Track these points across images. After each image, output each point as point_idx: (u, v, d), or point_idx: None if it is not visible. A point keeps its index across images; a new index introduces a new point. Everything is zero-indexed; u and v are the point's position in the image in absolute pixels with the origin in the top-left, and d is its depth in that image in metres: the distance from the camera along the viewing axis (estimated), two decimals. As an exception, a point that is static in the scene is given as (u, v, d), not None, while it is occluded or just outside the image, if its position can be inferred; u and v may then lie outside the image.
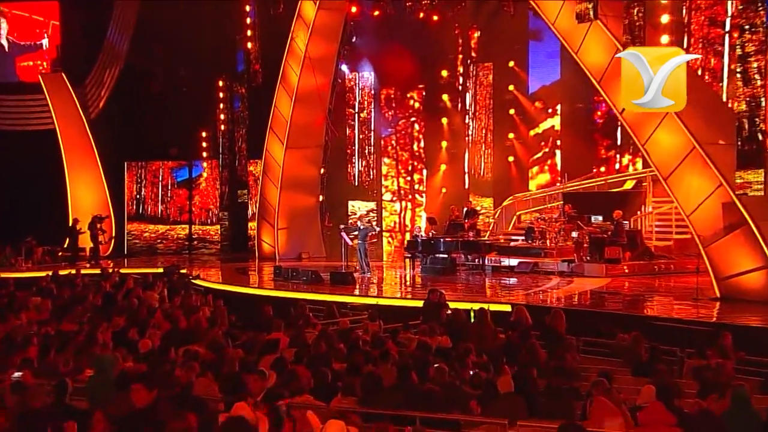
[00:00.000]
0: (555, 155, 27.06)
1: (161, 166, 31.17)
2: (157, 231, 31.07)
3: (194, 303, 16.61)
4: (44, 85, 29.97)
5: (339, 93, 28.01)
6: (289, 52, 25.44)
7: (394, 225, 29.29)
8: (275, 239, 26.22)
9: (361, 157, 29.39)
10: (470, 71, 28.47)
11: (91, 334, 12.51)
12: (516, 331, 12.64)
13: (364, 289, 19.41)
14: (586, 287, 18.59)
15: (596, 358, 13.01)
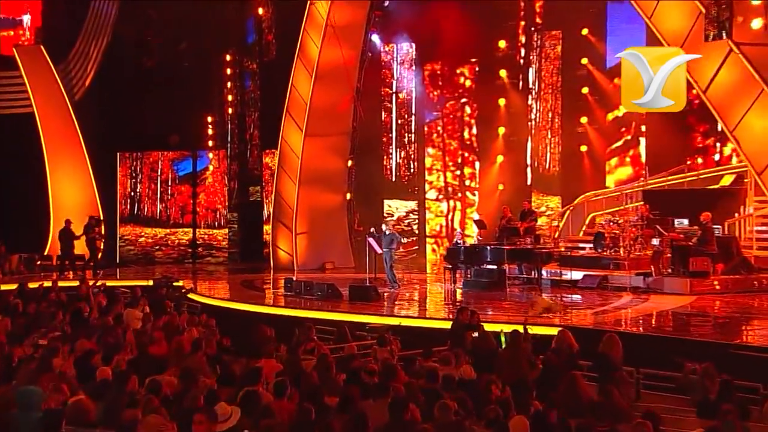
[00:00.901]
0: (639, 144, 26.75)
1: (160, 158, 31.62)
2: (155, 236, 31.50)
3: (181, 323, 16.88)
4: (20, 60, 30.60)
5: (372, 69, 28.18)
6: (308, 20, 25.61)
7: (439, 229, 29.26)
8: (293, 246, 26.42)
9: (399, 147, 29.53)
10: (534, 41, 28.32)
11: (45, 361, 12.74)
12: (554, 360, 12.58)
13: (388, 307, 19.42)
14: (663, 307, 18.37)
15: (660, 395, 12.95)
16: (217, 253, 30.88)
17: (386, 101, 29.35)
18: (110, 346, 14.28)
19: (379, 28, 27.51)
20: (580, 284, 21.24)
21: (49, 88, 30.55)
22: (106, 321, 17.00)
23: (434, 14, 27.41)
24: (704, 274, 19.55)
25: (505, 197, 27.21)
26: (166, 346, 14.52)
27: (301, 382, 11.25)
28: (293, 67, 26.19)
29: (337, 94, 26.18)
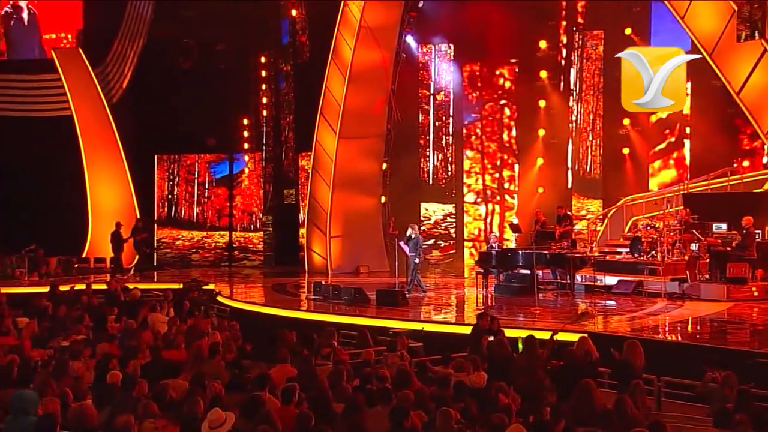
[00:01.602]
0: (683, 146, 26.42)
1: (197, 160, 31.86)
2: (192, 238, 31.76)
3: (205, 327, 17.07)
4: (58, 63, 31.04)
5: (409, 70, 28.24)
6: (342, 21, 25.72)
7: (478, 233, 29.19)
8: (327, 250, 26.56)
9: (437, 149, 29.43)
10: (575, 41, 28.15)
11: (61, 365, 12.98)
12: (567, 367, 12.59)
13: (414, 312, 19.38)
14: (697, 313, 18.25)
15: (682, 404, 12.87)
16: (253, 256, 31.03)
17: (424, 103, 29.33)
18: (130, 350, 14.60)
19: (416, 28, 27.48)
20: (615, 290, 21.14)
21: (88, 90, 30.93)
22: (129, 325, 17.37)
23: (473, 14, 27.44)
24: (742, 280, 19.35)
25: (545, 200, 27.09)
26: (183, 350, 14.81)
27: (311, 388, 11.40)
28: (327, 68, 26.36)
29: (371, 96, 26.30)
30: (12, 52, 32.82)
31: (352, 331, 17.07)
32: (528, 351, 13.01)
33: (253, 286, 26.11)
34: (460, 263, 28.62)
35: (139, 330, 16.63)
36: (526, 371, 12.53)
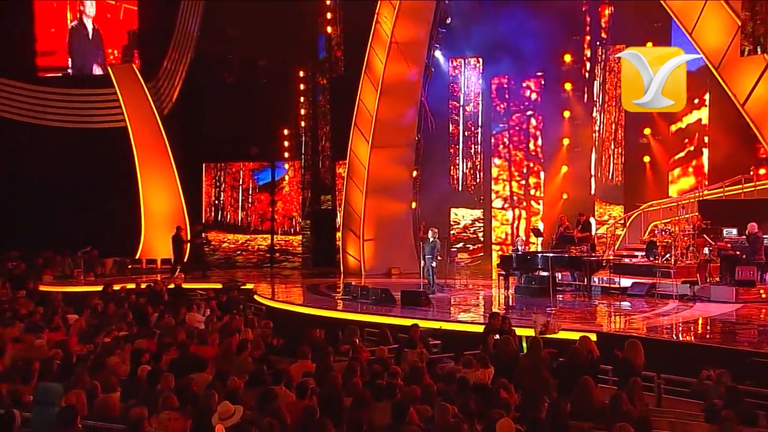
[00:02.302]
0: (702, 155, 26.22)
1: (241, 168, 32.12)
2: (237, 241, 32.00)
3: (239, 324, 17.21)
4: (114, 78, 31.53)
5: (440, 83, 28.30)
6: (374, 37, 25.80)
7: (505, 237, 29.15)
8: (361, 252, 26.65)
9: (466, 158, 29.45)
10: (599, 55, 28.03)
11: (99, 359, 13.17)
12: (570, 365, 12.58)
13: (436, 312, 19.35)
14: (706, 314, 18.14)
15: (682, 400, 12.81)
16: (293, 258, 31.20)
17: (454, 114, 29.34)
18: (165, 347, 14.76)
19: (446, 43, 27.46)
20: (629, 291, 21.05)
21: (141, 103, 31.33)
22: (168, 322, 17.57)
23: (501, 29, 27.32)
24: (751, 283, 19.19)
25: (569, 206, 26.95)
26: (216, 347, 14.95)
27: (324, 383, 11.49)
28: (360, 82, 26.46)
29: (402, 108, 26.33)
30: (76, 65, 33.33)
31: (376, 329, 17.19)
32: (532, 351, 13.02)
33: (291, 286, 26.23)
34: (488, 265, 28.53)
35: (176, 327, 16.91)
36: (531, 371, 12.54)
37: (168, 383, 11.12)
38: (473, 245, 29.44)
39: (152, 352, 13.89)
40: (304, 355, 13.32)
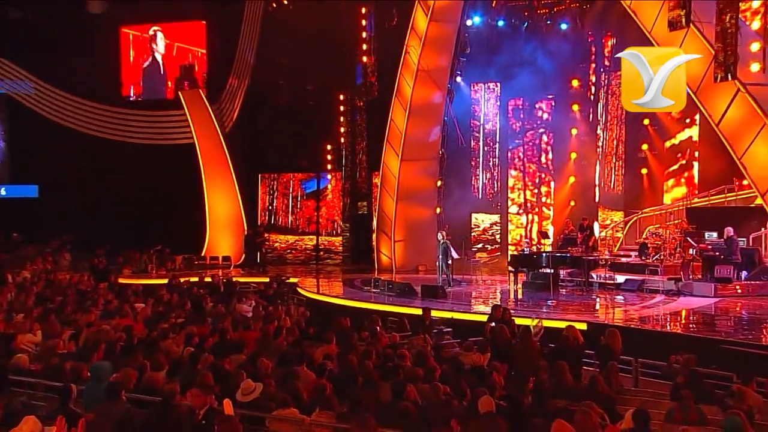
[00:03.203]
0: (692, 167, 26.07)
1: (291, 178, 32.31)
2: (287, 241, 32.19)
3: (279, 314, 17.37)
4: (184, 101, 31.92)
5: (462, 104, 28.35)
6: (404, 65, 25.87)
7: (519, 238, 29.10)
8: (392, 251, 26.69)
9: (485, 170, 29.45)
10: (602, 80, 27.98)
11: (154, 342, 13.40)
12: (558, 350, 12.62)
13: (450, 304, 19.37)
14: (686, 307, 18.06)
15: (657, 382, 12.81)
16: (335, 256, 31.32)
17: (474, 131, 29.34)
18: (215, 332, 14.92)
19: (469, 70, 27.51)
20: (623, 287, 21.00)
21: (206, 123, 31.65)
22: (219, 311, 17.78)
23: (517, 58, 27.33)
24: (728, 280, 19.07)
25: (576, 212, 26.98)
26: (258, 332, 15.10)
27: (343, 364, 11.60)
28: (391, 104, 26.55)
29: (427, 126, 26.40)
30: (145, 93, 33.83)
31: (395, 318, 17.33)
32: (524, 338, 13.07)
33: (330, 280, 26.42)
34: (504, 263, 28.30)
35: (226, 316, 17.12)
36: (523, 355, 12.61)
37: (206, 363, 11.36)
38: (491, 246, 29.43)
39: (202, 337, 14.18)
40: (329, 340, 13.49)
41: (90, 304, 18.54)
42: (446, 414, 9.03)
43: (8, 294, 20.91)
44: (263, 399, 9.31)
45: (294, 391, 9.62)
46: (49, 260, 30.33)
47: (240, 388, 9.43)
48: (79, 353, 12.75)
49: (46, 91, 35.09)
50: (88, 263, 28.59)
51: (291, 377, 10.34)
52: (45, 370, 11.37)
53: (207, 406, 7.82)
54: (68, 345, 13.63)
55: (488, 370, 11.25)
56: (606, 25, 26.23)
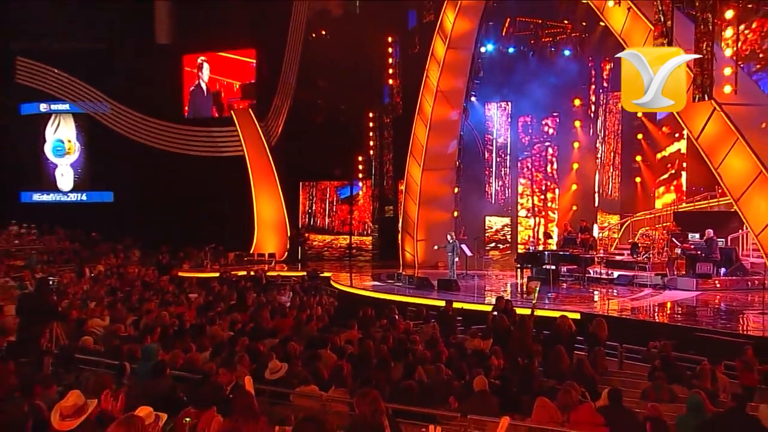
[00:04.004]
0: (681, 176, 25.83)
1: (328, 186, 32.39)
2: (324, 240, 32.28)
3: (312, 304, 17.49)
4: (236, 119, 32.22)
5: (477, 121, 28.34)
6: (425, 87, 25.83)
7: (528, 238, 29.01)
8: (415, 249, 26.70)
9: (497, 178, 29.34)
10: (601, 100, 27.82)
11: (201, 327, 13.54)
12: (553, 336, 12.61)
13: (463, 296, 19.34)
14: (671, 299, 17.95)
15: (638, 365, 12.78)
16: (365, 253, 31.36)
17: (488, 144, 29.29)
18: (254, 319, 15.05)
19: (484, 91, 27.46)
20: (616, 281, 20.90)
21: (254, 137, 31.89)
22: (260, 301, 17.94)
23: (525, 80, 27.27)
24: (707, 275, 18.95)
25: (578, 215, 26.77)
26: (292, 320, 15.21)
27: (361, 347, 11.68)
28: (414, 121, 26.54)
29: (446, 140, 26.36)
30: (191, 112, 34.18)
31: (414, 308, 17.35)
32: (521, 326, 13.06)
33: (361, 275, 26.39)
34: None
35: (266, 305, 17.26)
36: (519, 341, 12.60)
37: (243, 345, 11.51)
38: (503, 245, 29.32)
39: (243, 323, 14.35)
40: (351, 326, 13.57)
41: (152, 294, 18.82)
42: (446, 392, 9.14)
43: (84, 285, 21.31)
44: (288, 377, 9.44)
45: (316, 371, 9.75)
46: (121, 256, 30.91)
47: (268, 367, 9.54)
48: (138, 336, 12.86)
49: (120, 110, 35.56)
50: (153, 259, 29.02)
51: (314, 358, 10.46)
52: (107, 351, 11.59)
53: (234, 382, 7.93)
54: (129, 329, 13.78)
55: (488, 354, 11.30)
56: (604, 52, 26.00)
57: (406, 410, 8.07)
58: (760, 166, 14.91)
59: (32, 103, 36.98)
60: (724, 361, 11.07)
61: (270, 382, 9.27)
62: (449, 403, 8.87)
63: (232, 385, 7.77)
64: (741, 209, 15.49)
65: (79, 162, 37.40)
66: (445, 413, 8.22)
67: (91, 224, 34.26)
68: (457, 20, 24.44)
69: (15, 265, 26.68)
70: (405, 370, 9.88)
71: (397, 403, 8.37)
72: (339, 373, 9.59)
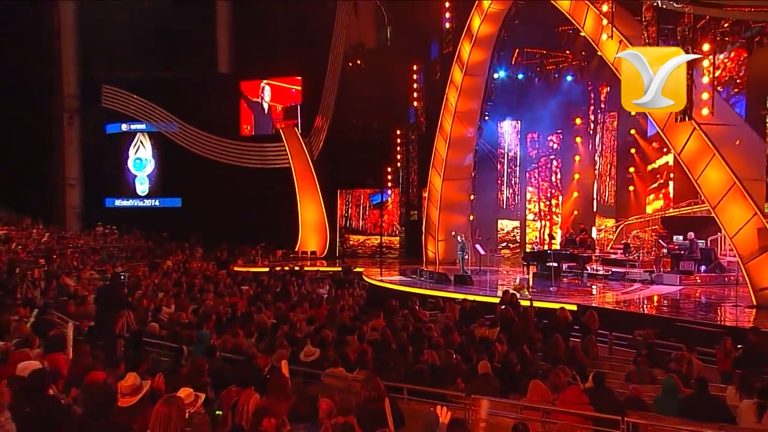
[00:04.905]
0: (668, 186, 25.42)
1: (361, 193, 32.43)
2: (358, 240, 32.36)
3: (345, 294, 17.55)
4: (283, 135, 32.45)
5: (490, 137, 28.22)
6: (445, 108, 25.78)
7: (535, 239, 28.83)
8: (436, 249, 26.64)
9: (508, 186, 29.17)
10: (599, 119, 27.57)
11: (249, 315, 13.69)
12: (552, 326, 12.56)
13: (475, 289, 19.33)
14: (656, 293, 17.74)
15: (626, 350, 12.68)
16: (393, 252, 31.32)
17: (500, 158, 29.15)
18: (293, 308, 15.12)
19: (494, 111, 27.21)
20: (610, 277, 20.70)
21: (299, 152, 31.97)
22: (301, 292, 18.07)
23: (533, 101, 27.19)
24: (689, 272, 18.74)
25: (579, 219, 26.61)
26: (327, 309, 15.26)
27: (384, 334, 11.72)
28: (436, 137, 26.50)
29: (462, 155, 26.26)
30: (256, 129, 34.47)
31: (432, 300, 17.37)
32: (523, 317, 13.02)
33: (389, 270, 26.39)
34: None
35: (306, 296, 17.41)
36: (522, 330, 12.57)
37: (283, 332, 11.62)
38: (513, 244, 29.14)
39: (284, 311, 14.45)
40: (377, 315, 13.58)
41: (211, 286, 19.01)
42: (455, 374, 9.15)
43: (155, 278, 21.63)
44: (320, 360, 9.52)
45: (344, 355, 9.82)
46: (186, 253, 31.22)
47: (303, 351, 9.64)
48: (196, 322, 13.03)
49: (187, 129, 35.92)
50: (213, 255, 29.35)
51: (342, 344, 10.53)
52: (169, 335, 11.78)
53: (270, 365, 8.04)
54: (190, 316, 13.95)
55: (493, 341, 11.28)
56: (601, 78, 25.80)
57: (418, 390, 8.15)
58: (733, 178, 14.65)
59: (115, 123, 37.64)
60: (700, 347, 10.94)
61: (305, 363, 9.34)
62: (457, 384, 8.89)
63: (268, 368, 7.87)
64: (717, 215, 15.23)
65: (153, 173, 37.92)
66: (452, 393, 8.26)
67: (163, 225, 34.74)
68: (473, 51, 24.41)
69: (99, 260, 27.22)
70: (417, 354, 9.88)
71: (412, 383, 8.45)
72: (363, 356, 9.63)
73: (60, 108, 37.81)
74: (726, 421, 7.42)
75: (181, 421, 3.88)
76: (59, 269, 21.79)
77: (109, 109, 37.24)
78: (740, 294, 15.82)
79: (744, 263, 14.82)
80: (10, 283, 17.24)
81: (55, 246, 28.00)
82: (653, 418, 7.36)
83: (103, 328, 11.22)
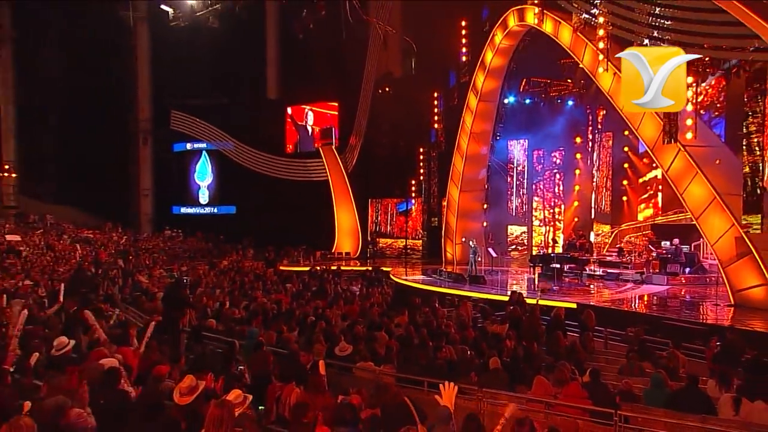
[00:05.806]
0: (658, 196, 24.95)
1: (390, 202, 32.35)
2: (387, 243, 32.28)
3: (374, 293, 17.44)
4: (322, 153, 32.58)
5: (501, 154, 28.02)
6: (461, 129, 25.67)
7: (540, 242, 28.53)
8: (454, 251, 26.52)
9: (517, 197, 28.89)
10: (596, 138, 27.20)
11: (290, 311, 13.68)
12: (552, 323, 12.41)
13: (487, 288, 19.15)
14: (646, 292, 17.45)
15: (618, 345, 12.50)
16: (417, 253, 31.14)
17: (510, 171, 28.90)
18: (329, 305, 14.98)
19: (511, 131, 27.08)
20: (606, 278, 20.38)
21: (336, 166, 32.07)
22: (336, 290, 18.03)
23: (539, 123, 26.88)
24: (675, 274, 18.41)
25: (579, 226, 26.25)
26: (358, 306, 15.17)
27: (407, 330, 11.64)
28: (453, 154, 26.39)
29: (477, 169, 26.15)
30: (299, 147, 34.64)
31: (450, 298, 17.26)
32: (531, 314, 12.88)
33: (413, 270, 26.28)
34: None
35: (341, 294, 17.34)
36: (529, 326, 12.42)
37: (320, 327, 11.59)
38: (521, 247, 28.84)
39: (322, 308, 14.42)
40: (402, 312, 13.50)
41: (260, 284, 19.07)
42: (469, 368, 9.07)
43: (213, 277, 21.81)
44: (352, 354, 9.49)
45: (372, 349, 9.79)
46: (240, 254, 31.48)
47: (338, 346, 9.63)
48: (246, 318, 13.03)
49: (240, 147, 36.33)
50: (262, 255, 29.46)
51: (372, 339, 10.49)
52: (224, 330, 11.82)
53: (312, 361, 8.06)
54: (242, 312, 13.91)
55: (504, 337, 11.17)
56: (598, 102, 25.38)
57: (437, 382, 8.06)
58: (714, 193, 14.37)
59: (181, 142, 38.28)
60: (684, 343, 10.74)
61: (339, 358, 9.34)
62: (471, 377, 8.82)
63: (310, 364, 7.90)
64: (700, 225, 14.94)
65: (212, 184, 38.36)
66: (466, 386, 8.17)
67: (220, 229, 35.13)
68: (486, 80, 24.33)
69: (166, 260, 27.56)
70: (436, 351, 9.82)
71: (430, 376, 8.41)
72: (390, 351, 9.62)
73: (136, 128, 38.58)
74: (709, 413, 7.27)
75: (231, 420, 3.92)
76: (134, 268, 22.09)
77: (176, 130, 37.85)
78: (719, 293, 15.50)
79: (723, 267, 14.51)
80: (94, 281, 17.51)
81: (131, 248, 28.43)
82: (643, 410, 7.24)
83: (169, 324, 11.33)
